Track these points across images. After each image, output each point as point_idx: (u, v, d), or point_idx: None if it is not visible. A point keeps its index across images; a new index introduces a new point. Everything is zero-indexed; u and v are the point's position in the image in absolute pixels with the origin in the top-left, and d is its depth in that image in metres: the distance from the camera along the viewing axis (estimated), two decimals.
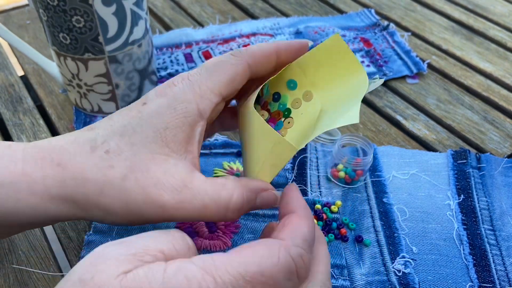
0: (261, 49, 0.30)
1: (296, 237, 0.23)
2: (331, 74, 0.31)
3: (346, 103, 0.30)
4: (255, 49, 0.30)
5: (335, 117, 0.29)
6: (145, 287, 0.19)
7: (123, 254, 0.21)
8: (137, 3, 0.41)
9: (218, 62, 0.29)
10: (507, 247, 0.36)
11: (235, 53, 0.30)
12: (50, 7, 0.39)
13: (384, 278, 0.34)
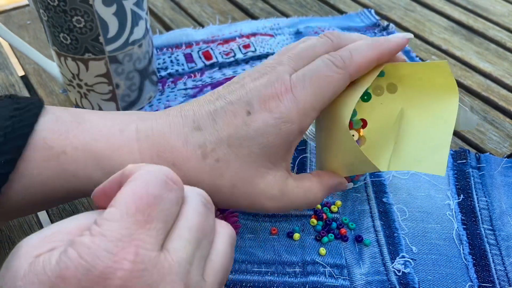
0: (365, 58, 0.30)
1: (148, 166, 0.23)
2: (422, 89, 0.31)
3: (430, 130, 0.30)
4: (359, 60, 0.30)
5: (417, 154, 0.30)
6: (39, 271, 0.19)
7: (36, 239, 0.20)
8: (137, 3, 0.41)
9: (322, 75, 0.29)
10: (507, 247, 0.36)
11: (340, 64, 0.30)
12: (50, 7, 0.39)
13: (384, 278, 0.34)
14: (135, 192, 0.20)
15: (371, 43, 0.31)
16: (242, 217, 0.37)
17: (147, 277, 0.19)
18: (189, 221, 0.22)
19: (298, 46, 0.32)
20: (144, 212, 0.20)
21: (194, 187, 0.25)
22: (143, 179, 0.21)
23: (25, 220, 0.38)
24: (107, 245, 0.19)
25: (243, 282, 0.33)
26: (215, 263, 0.23)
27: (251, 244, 0.36)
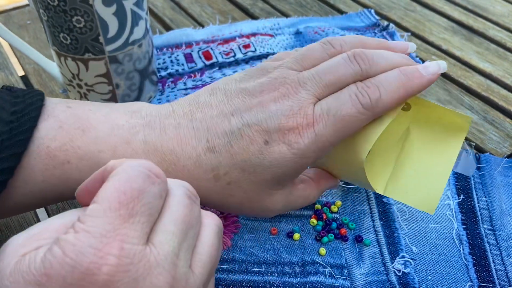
0: (395, 100, 0.29)
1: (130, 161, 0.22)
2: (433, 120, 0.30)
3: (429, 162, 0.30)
4: (388, 101, 0.29)
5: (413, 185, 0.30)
6: (24, 270, 0.19)
7: (22, 238, 0.20)
8: (137, 3, 0.41)
9: (347, 116, 0.28)
10: (507, 247, 0.36)
11: (367, 106, 0.28)
12: (50, 7, 0.39)
13: (384, 278, 0.34)
14: (117, 187, 0.20)
15: (404, 80, 0.29)
16: (242, 217, 0.37)
17: (133, 271, 0.19)
18: (174, 213, 0.22)
19: (324, 65, 0.30)
20: (128, 206, 0.20)
21: (178, 179, 0.25)
22: (125, 174, 0.21)
23: (24, 220, 0.38)
24: (91, 241, 0.19)
25: (243, 282, 0.33)
26: (202, 254, 0.23)
27: (251, 244, 0.36)
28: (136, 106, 0.31)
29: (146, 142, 0.29)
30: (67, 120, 0.29)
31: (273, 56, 0.34)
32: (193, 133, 0.29)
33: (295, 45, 0.57)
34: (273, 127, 0.28)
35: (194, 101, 0.30)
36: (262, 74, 0.31)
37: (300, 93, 0.29)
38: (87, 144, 0.28)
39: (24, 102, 0.29)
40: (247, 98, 0.29)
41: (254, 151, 0.28)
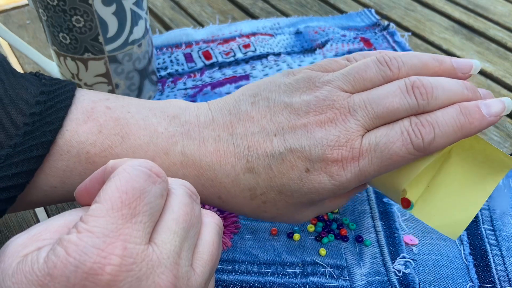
0: (447, 143, 0.27)
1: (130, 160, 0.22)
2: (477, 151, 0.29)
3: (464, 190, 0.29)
4: (441, 144, 0.26)
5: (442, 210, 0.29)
6: (27, 270, 0.19)
7: (23, 238, 0.20)
8: (137, 3, 0.41)
9: (395, 155, 0.26)
10: (508, 247, 0.36)
11: (419, 148, 0.26)
12: (50, 7, 0.39)
13: (384, 278, 0.33)
14: (119, 186, 0.20)
15: (462, 122, 0.26)
16: (242, 217, 0.37)
17: (136, 271, 0.19)
18: (175, 212, 0.22)
19: (378, 93, 0.27)
20: (130, 206, 0.20)
21: (178, 178, 0.24)
22: (127, 174, 0.21)
23: (24, 220, 0.38)
24: (95, 241, 0.19)
25: (243, 283, 0.33)
26: (203, 253, 0.23)
27: (251, 244, 0.36)
28: (174, 109, 0.30)
29: (184, 154, 0.28)
30: (106, 124, 0.28)
31: (321, 62, 0.31)
32: (233, 150, 0.28)
33: (295, 44, 0.57)
34: (316, 156, 0.27)
35: (235, 108, 0.29)
36: (309, 88, 0.28)
37: (349, 122, 0.27)
38: (126, 152, 0.28)
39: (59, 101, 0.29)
40: (291, 117, 0.28)
41: (294, 177, 0.27)
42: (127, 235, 0.19)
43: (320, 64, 0.30)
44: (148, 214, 0.21)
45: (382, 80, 0.28)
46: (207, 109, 0.30)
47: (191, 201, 0.23)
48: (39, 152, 0.27)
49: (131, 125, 0.29)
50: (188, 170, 0.28)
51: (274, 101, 0.29)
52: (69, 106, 0.28)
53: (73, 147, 0.28)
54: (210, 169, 0.28)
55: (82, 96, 0.30)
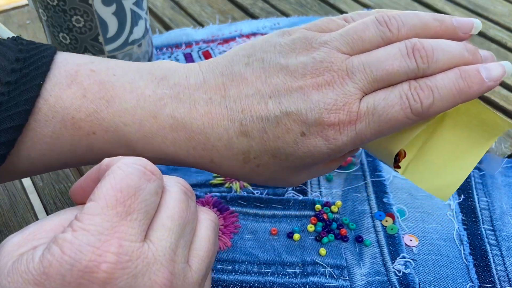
0: (446, 107, 0.26)
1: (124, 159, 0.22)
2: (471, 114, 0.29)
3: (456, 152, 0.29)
4: (439, 108, 0.26)
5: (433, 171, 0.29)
6: (23, 269, 0.19)
7: (18, 238, 0.20)
8: (137, 3, 0.41)
9: (393, 118, 0.26)
10: (508, 247, 0.36)
11: (417, 112, 0.26)
12: (50, 7, 0.39)
13: (384, 278, 0.33)
14: (113, 184, 0.20)
15: (461, 86, 0.26)
16: (242, 217, 0.37)
17: (132, 268, 0.19)
18: (170, 210, 0.22)
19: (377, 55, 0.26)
20: (125, 203, 0.20)
21: (173, 176, 0.24)
22: (121, 171, 0.21)
23: (24, 220, 0.38)
24: (90, 239, 0.19)
25: (243, 283, 0.33)
26: (199, 249, 0.23)
27: (251, 244, 0.36)
28: (162, 71, 0.29)
29: (174, 117, 0.27)
30: (91, 88, 0.27)
31: (317, 22, 0.29)
32: (225, 113, 0.27)
33: None
34: (312, 120, 0.26)
35: (227, 69, 0.28)
36: (306, 49, 0.27)
37: (346, 85, 0.26)
38: (112, 116, 0.27)
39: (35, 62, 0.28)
40: (287, 79, 0.27)
41: (289, 141, 0.27)
42: (122, 232, 0.19)
43: (316, 24, 0.29)
44: (143, 211, 0.21)
45: (382, 42, 0.27)
46: (197, 70, 0.29)
47: (186, 198, 0.23)
48: (16, 122, 0.26)
49: (116, 88, 0.28)
50: (179, 134, 0.28)
51: (269, 62, 0.27)
52: (46, 72, 0.27)
53: (58, 112, 0.27)
54: (201, 133, 0.27)
55: (66, 60, 0.29)
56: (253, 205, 0.38)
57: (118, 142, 0.28)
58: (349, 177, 0.41)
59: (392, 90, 0.26)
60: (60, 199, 0.40)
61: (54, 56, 0.28)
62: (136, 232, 0.20)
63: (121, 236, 0.19)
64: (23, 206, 0.40)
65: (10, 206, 0.40)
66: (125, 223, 0.20)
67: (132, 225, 0.20)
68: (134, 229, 0.20)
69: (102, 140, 0.28)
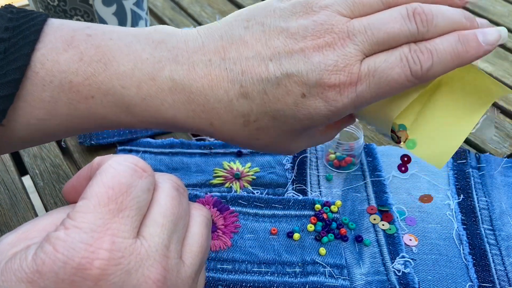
0: (445, 70, 0.27)
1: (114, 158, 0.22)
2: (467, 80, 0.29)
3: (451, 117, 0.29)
4: (438, 71, 0.26)
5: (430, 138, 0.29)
6: (16, 268, 0.19)
7: (11, 237, 0.21)
8: (137, 3, 0.41)
9: (393, 81, 0.26)
10: (507, 247, 0.36)
11: (417, 74, 0.26)
12: (50, 7, 0.39)
13: (383, 278, 0.34)
14: (105, 182, 0.20)
15: (459, 50, 0.26)
16: (242, 217, 0.37)
17: (125, 264, 0.19)
18: (162, 206, 0.22)
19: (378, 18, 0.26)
20: (117, 201, 0.20)
21: (166, 173, 0.24)
22: (112, 169, 0.21)
23: (24, 219, 0.38)
24: (82, 237, 0.19)
25: (243, 282, 0.33)
26: (192, 245, 0.23)
27: (251, 244, 0.36)
28: (160, 35, 0.29)
29: (173, 79, 0.27)
30: (87, 51, 0.27)
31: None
32: (225, 75, 0.27)
33: None
34: (313, 81, 0.26)
35: (226, 34, 0.28)
36: (306, 12, 0.27)
37: (347, 47, 0.26)
38: (110, 79, 0.27)
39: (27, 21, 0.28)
40: (288, 41, 0.27)
41: (289, 103, 0.27)
42: (115, 229, 0.20)
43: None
44: (135, 208, 0.21)
45: (382, 6, 0.27)
46: (196, 34, 0.29)
47: (178, 194, 0.23)
48: (7, 91, 0.26)
49: (113, 51, 0.28)
50: (178, 96, 0.27)
51: (269, 25, 0.27)
52: (35, 41, 0.27)
53: (55, 76, 0.27)
54: (201, 94, 0.27)
55: (62, 25, 0.29)
56: (253, 205, 0.38)
57: (117, 106, 0.28)
58: (349, 177, 0.41)
59: (393, 53, 0.26)
60: (60, 198, 0.40)
61: (48, 22, 0.28)
62: (129, 229, 0.20)
63: (113, 233, 0.20)
64: (23, 206, 0.40)
65: (11, 205, 0.40)
66: (117, 220, 0.20)
67: (124, 222, 0.20)
68: (127, 225, 0.20)
69: (101, 104, 0.28)
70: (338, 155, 0.41)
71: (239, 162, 0.42)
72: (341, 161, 0.41)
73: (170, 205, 0.22)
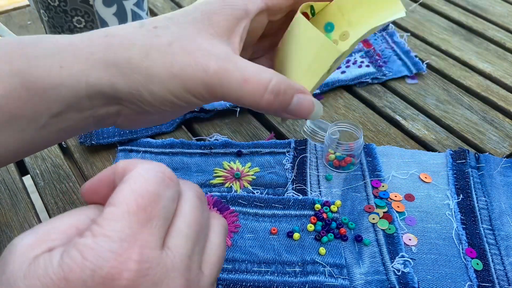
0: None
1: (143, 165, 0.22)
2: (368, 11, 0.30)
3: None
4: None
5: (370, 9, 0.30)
6: (41, 273, 0.19)
7: (31, 239, 0.20)
8: (137, 4, 0.41)
9: None
10: (506, 247, 0.36)
11: None
12: (51, 8, 0.39)
13: (383, 277, 0.34)
14: (134, 189, 0.20)
15: None
16: (242, 217, 0.38)
17: (152, 275, 0.19)
18: (187, 216, 0.22)
19: None
20: (146, 210, 0.20)
21: (188, 181, 0.24)
22: (142, 177, 0.21)
23: (25, 219, 0.38)
24: (111, 246, 0.19)
25: (243, 282, 0.33)
26: (211, 255, 0.23)
27: (251, 243, 0.36)
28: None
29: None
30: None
31: None
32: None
33: None
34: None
35: None
36: None
37: None
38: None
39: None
40: None
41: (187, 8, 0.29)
42: (143, 240, 0.20)
43: None
44: (162, 218, 0.21)
45: None
46: None
47: (201, 204, 0.23)
48: None
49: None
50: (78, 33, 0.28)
51: None
52: None
53: None
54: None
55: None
56: (253, 205, 0.38)
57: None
58: (349, 177, 0.41)
59: None
60: (61, 198, 0.40)
61: None
62: (156, 239, 0.20)
63: (142, 243, 0.19)
64: (24, 206, 0.40)
65: (12, 205, 0.40)
66: (146, 230, 0.20)
67: (152, 232, 0.20)
68: (154, 236, 0.20)
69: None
70: (338, 155, 0.41)
71: (239, 162, 0.42)
72: (340, 161, 0.41)
73: (194, 215, 0.22)
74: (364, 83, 0.53)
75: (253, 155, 0.43)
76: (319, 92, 0.51)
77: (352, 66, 0.54)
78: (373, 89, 0.52)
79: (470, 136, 0.46)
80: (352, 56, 0.55)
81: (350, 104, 0.50)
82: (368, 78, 0.52)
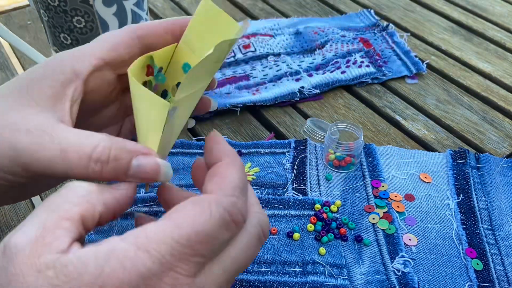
0: (152, 23, 0.29)
1: (225, 187, 0.23)
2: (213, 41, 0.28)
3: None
4: (146, 23, 0.29)
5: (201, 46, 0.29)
6: (75, 277, 0.19)
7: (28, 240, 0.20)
8: (137, 4, 0.42)
9: (106, 33, 0.28)
10: (506, 247, 0.36)
11: (126, 26, 0.29)
12: (51, 8, 0.39)
13: (383, 277, 0.34)
14: (192, 224, 0.21)
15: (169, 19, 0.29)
16: None
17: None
18: (237, 257, 0.23)
19: None
20: (193, 247, 0.21)
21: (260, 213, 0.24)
22: (207, 216, 0.21)
23: (25, 218, 0.38)
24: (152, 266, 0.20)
25: (243, 282, 0.33)
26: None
27: None
28: None
29: None
30: None
31: None
32: None
33: (295, 45, 0.58)
34: None
35: None
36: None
37: None
38: None
39: None
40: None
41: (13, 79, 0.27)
42: (179, 268, 0.20)
43: None
44: (206, 255, 0.21)
45: None
46: None
47: (258, 244, 0.24)
48: None
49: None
50: None
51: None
52: None
53: None
54: None
55: None
56: None
57: None
58: (349, 177, 0.41)
59: None
60: None
61: None
62: (192, 268, 0.21)
63: (177, 271, 0.20)
64: (24, 206, 0.40)
65: (12, 205, 0.40)
66: (184, 262, 0.20)
67: (190, 264, 0.21)
68: (192, 268, 0.21)
69: None
70: (338, 155, 0.41)
71: None
72: (340, 161, 0.41)
73: (244, 256, 0.23)
74: (364, 83, 0.53)
75: (253, 155, 0.43)
76: (319, 92, 0.51)
77: (352, 66, 0.54)
78: (373, 89, 0.52)
79: (470, 136, 0.46)
80: (352, 56, 0.55)
81: (350, 104, 0.50)
82: (368, 78, 0.53)
